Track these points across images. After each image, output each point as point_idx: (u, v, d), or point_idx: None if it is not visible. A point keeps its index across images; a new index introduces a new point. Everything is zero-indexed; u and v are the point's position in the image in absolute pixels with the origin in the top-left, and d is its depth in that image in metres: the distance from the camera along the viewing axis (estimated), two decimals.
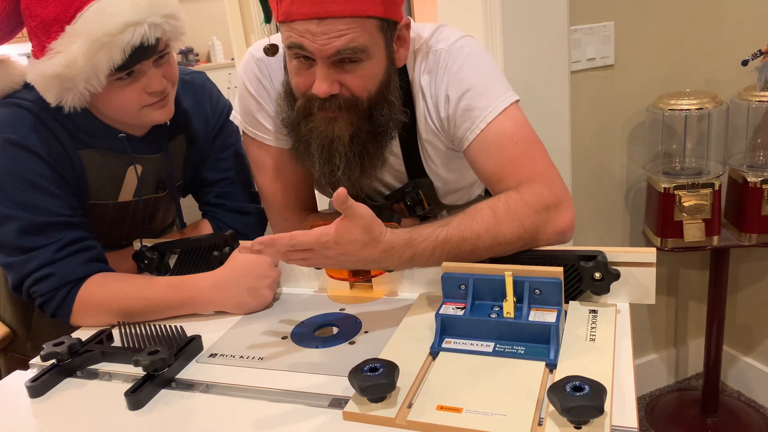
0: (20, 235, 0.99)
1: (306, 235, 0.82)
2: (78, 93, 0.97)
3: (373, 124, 0.98)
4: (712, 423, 1.94)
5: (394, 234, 0.86)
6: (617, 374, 0.74)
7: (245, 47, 3.62)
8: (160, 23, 0.96)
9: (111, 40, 0.92)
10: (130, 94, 1.00)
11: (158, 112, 1.05)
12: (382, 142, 1.01)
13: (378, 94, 0.97)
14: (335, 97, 0.94)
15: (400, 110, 1.01)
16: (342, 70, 0.93)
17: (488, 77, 1.02)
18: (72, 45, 0.93)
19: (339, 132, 0.97)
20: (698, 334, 2.11)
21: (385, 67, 0.97)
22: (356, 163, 0.99)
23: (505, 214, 0.90)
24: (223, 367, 0.86)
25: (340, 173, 0.99)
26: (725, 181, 1.75)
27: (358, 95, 0.95)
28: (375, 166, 1.03)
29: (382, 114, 0.98)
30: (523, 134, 0.99)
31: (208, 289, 1.01)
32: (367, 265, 0.87)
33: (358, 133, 0.98)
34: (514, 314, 0.81)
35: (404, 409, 0.71)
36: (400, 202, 1.16)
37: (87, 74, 0.94)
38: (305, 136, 0.99)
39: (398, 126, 1.02)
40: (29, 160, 1.00)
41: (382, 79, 0.97)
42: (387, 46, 0.95)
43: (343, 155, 0.98)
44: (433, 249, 0.87)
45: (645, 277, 0.87)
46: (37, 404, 0.83)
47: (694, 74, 1.83)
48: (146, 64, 0.99)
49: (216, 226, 1.25)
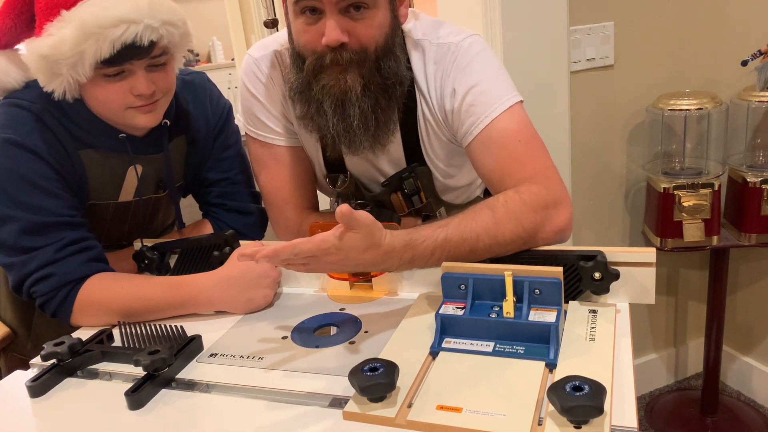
0: (21, 235, 0.99)
1: (308, 243, 0.82)
2: (65, 81, 0.98)
3: (382, 76, 1.00)
4: (711, 423, 1.95)
5: (394, 236, 0.86)
6: (617, 374, 0.74)
7: (245, 47, 3.63)
8: (158, 27, 0.96)
9: (101, 31, 0.93)
10: (116, 92, 1.00)
11: (143, 116, 1.04)
12: (392, 96, 1.02)
13: (384, 46, 0.99)
14: (345, 48, 0.96)
15: (405, 66, 1.03)
16: (349, 19, 0.95)
17: (495, 76, 1.03)
18: (64, 29, 0.94)
19: (351, 83, 0.98)
20: (698, 333, 2.12)
21: (390, 20, 0.99)
22: (371, 116, 1.00)
23: (503, 214, 0.90)
24: (223, 367, 0.86)
25: (355, 126, 0.99)
26: (725, 181, 1.75)
27: (367, 46, 0.97)
28: (388, 125, 1.03)
29: (389, 66, 1.00)
30: (525, 133, 0.99)
31: (208, 289, 1.01)
32: (368, 268, 0.88)
33: (368, 86, 0.99)
34: (514, 314, 0.81)
35: (404, 409, 0.71)
36: (398, 192, 1.16)
37: (73, 61, 0.95)
38: (317, 96, 1.00)
39: (406, 83, 1.03)
40: (30, 160, 1.00)
41: (387, 32, 0.98)
42: (390, 0, 0.98)
43: (357, 106, 0.99)
44: (433, 250, 0.88)
45: (645, 277, 0.87)
46: (38, 404, 0.83)
47: (693, 74, 1.83)
48: (137, 65, 0.99)
49: (216, 226, 1.25)
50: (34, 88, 1.04)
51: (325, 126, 1.02)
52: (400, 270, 0.90)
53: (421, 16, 1.10)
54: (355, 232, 0.82)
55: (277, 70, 1.11)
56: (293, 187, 1.17)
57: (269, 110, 1.14)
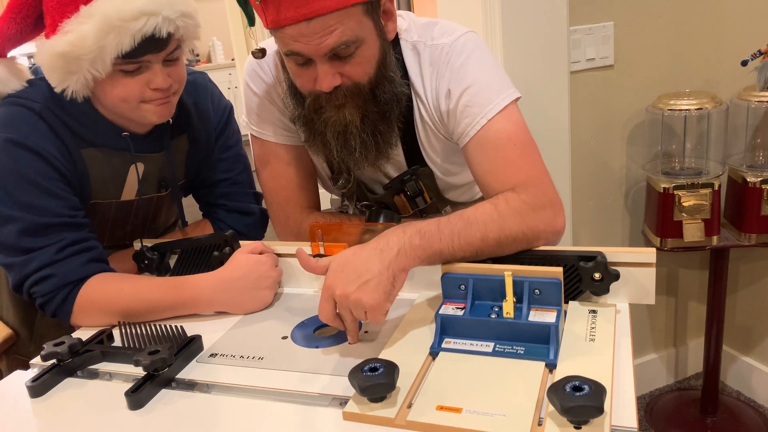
0: (21, 235, 0.99)
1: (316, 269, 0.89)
2: (82, 78, 0.97)
3: (378, 103, 1.01)
4: (711, 423, 1.95)
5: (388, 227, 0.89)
6: (617, 374, 0.74)
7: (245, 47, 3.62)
8: (175, 19, 0.97)
9: (123, 24, 0.93)
10: (133, 87, 1.00)
11: (157, 110, 1.04)
12: (391, 118, 1.04)
13: (377, 74, 1.00)
14: (339, 87, 0.97)
15: (400, 83, 1.04)
16: (340, 62, 0.96)
17: (490, 74, 1.03)
18: (84, 25, 0.93)
19: (350, 117, 1.00)
20: (698, 333, 2.12)
21: (379, 46, 0.99)
22: (371, 143, 1.03)
23: (506, 209, 0.91)
24: (224, 367, 0.86)
25: (357, 154, 1.03)
26: (725, 181, 1.75)
27: (359, 81, 0.98)
28: (389, 144, 1.06)
29: (385, 92, 1.01)
30: (521, 136, 1.00)
31: (208, 290, 1.01)
32: (376, 259, 0.84)
33: (367, 115, 1.01)
34: (514, 314, 0.81)
35: (404, 409, 0.71)
36: (401, 194, 1.16)
37: (93, 56, 0.94)
38: (320, 129, 1.03)
39: (403, 99, 1.05)
40: (31, 160, 1.00)
41: (378, 59, 0.99)
42: (376, 26, 0.98)
43: (357, 137, 1.01)
44: (438, 224, 0.88)
45: (645, 277, 0.87)
46: (38, 404, 0.83)
47: (693, 74, 1.83)
48: (154, 59, 0.99)
49: (217, 226, 1.25)
50: (35, 87, 1.04)
51: (329, 153, 1.06)
52: (415, 255, 0.86)
53: (414, 19, 1.10)
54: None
55: (279, 70, 1.12)
56: (295, 186, 1.17)
57: (271, 109, 1.14)
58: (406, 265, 0.85)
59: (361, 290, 0.81)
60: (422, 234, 0.86)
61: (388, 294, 0.82)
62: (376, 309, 0.82)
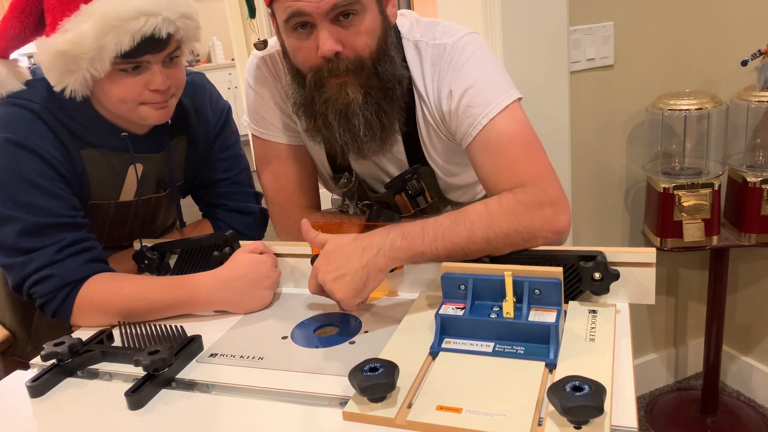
0: (21, 236, 0.99)
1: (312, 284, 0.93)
2: (81, 77, 0.97)
3: (381, 79, 1.01)
4: (711, 423, 1.95)
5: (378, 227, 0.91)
6: (617, 374, 0.74)
7: (245, 47, 3.62)
8: (175, 20, 0.97)
9: (122, 24, 0.93)
10: (132, 87, 1.00)
11: (155, 113, 1.04)
12: (393, 97, 1.03)
13: (379, 49, 0.99)
14: (341, 58, 0.97)
15: (401, 65, 1.04)
16: (341, 28, 0.95)
17: (491, 75, 1.02)
18: (83, 23, 0.93)
19: (352, 94, 0.99)
20: (698, 333, 2.12)
21: (380, 22, 0.99)
22: (375, 123, 1.02)
23: (497, 208, 0.91)
24: (223, 367, 0.86)
25: (361, 134, 1.01)
26: (725, 181, 1.75)
27: (361, 53, 0.98)
28: (393, 125, 1.05)
29: (386, 68, 1.01)
30: (524, 135, 0.99)
31: (208, 289, 1.01)
32: (357, 255, 0.89)
33: (369, 92, 1.00)
34: (514, 314, 0.81)
35: (404, 409, 0.71)
36: (402, 193, 1.16)
37: (92, 55, 0.94)
38: (320, 109, 1.01)
39: (404, 81, 1.04)
40: (30, 161, 1.00)
41: (379, 35, 0.99)
42: (378, 0, 0.99)
43: (360, 115, 1.00)
44: (423, 226, 0.90)
45: (645, 277, 0.87)
46: (38, 404, 0.83)
47: (693, 74, 1.83)
48: (153, 60, 0.99)
49: (217, 226, 1.25)
50: (34, 88, 1.04)
51: (332, 137, 1.04)
52: (400, 255, 0.90)
53: (417, 18, 1.11)
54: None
55: (281, 69, 1.12)
56: (295, 185, 1.17)
57: (272, 108, 1.14)
58: (383, 266, 0.90)
59: (336, 282, 0.89)
60: (405, 235, 0.90)
61: (359, 291, 0.89)
62: (345, 302, 0.90)
